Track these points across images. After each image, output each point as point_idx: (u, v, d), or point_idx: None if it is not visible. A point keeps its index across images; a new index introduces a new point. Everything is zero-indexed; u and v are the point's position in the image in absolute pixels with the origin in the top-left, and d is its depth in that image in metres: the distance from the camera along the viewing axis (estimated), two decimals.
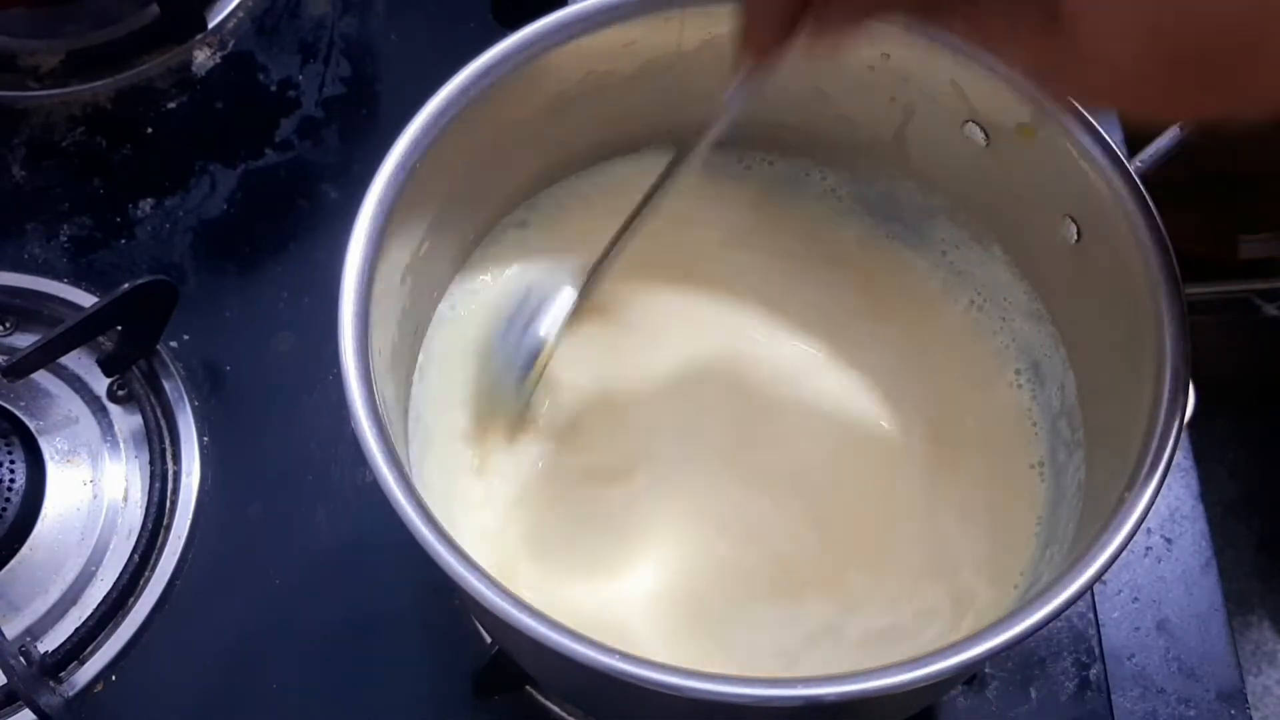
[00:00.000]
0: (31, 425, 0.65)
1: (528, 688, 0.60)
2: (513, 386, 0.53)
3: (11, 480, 0.63)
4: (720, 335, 0.58)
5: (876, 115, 0.55)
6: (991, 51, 0.38)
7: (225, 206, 0.74)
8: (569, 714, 0.60)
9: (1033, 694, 0.60)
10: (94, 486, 0.65)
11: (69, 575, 0.63)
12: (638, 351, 0.57)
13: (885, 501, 0.55)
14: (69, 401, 0.67)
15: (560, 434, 0.55)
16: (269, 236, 0.73)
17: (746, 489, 0.55)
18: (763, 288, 0.59)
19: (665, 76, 0.54)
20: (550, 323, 0.53)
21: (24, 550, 0.62)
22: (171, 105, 0.77)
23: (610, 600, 0.52)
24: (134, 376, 0.67)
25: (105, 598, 0.62)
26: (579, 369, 0.56)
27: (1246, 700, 0.60)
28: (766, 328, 0.58)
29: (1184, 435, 0.44)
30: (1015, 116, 0.49)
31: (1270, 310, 1.15)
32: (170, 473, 0.66)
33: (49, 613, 0.62)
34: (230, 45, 0.79)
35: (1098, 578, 0.41)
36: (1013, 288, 0.57)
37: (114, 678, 0.61)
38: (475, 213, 0.57)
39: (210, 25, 0.79)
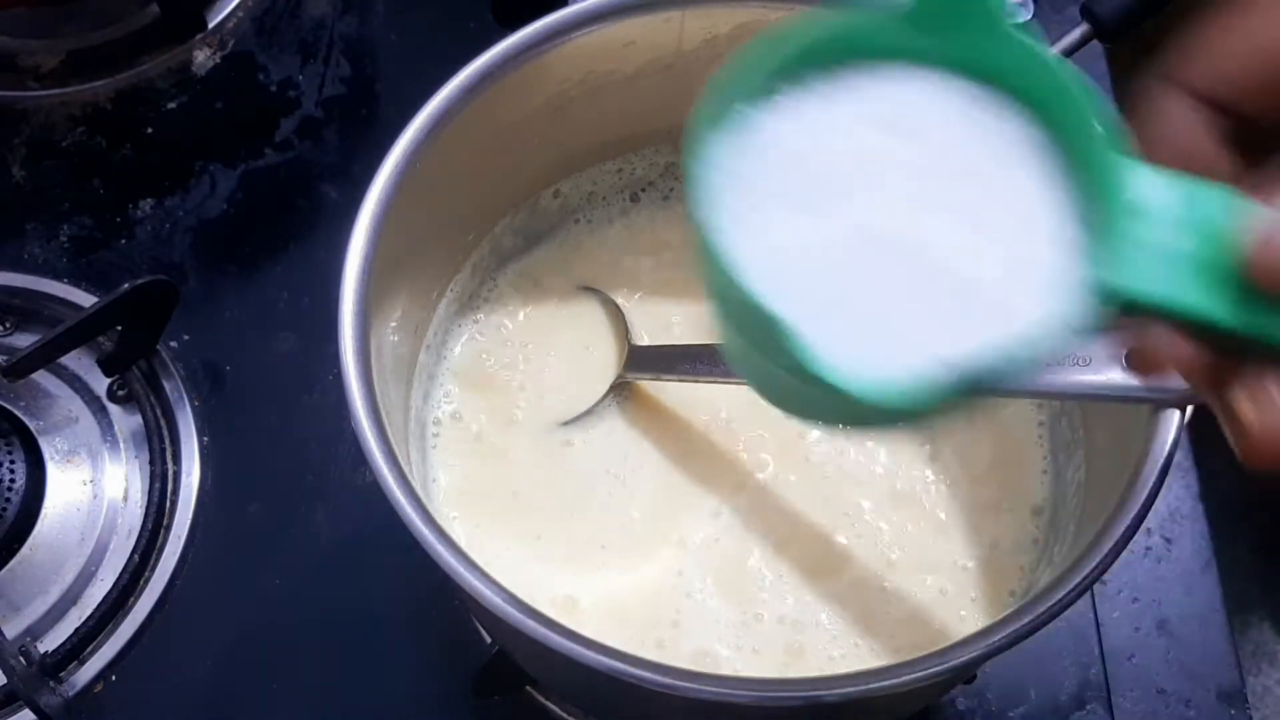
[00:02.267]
0: (31, 425, 0.65)
1: (528, 688, 0.60)
2: None
3: (11, 480, 0.63)
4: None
5: None
6: None
7: (225, 206, 0.74)
8: (569, 714, 0.60)
9: (1032, 694, 0.60)
10: (94, 486, 0.65)
11: (69, 575, 0.63)
12: None
13: (881, 497, 0.55)
14: (69, 401, 0.67)
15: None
16: (269, 236, 0.73)
17: (751, 486, 0.55)
18: None
19: (665, 76, 0.54)
20: None
21: (24, 550, 0.62)
22: (171, 105, 0.77)
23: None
24: (134, 376, 0.67)
25: (105, 598, 0.62)
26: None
27: (1246, 700, 0.60)
28: None
29: (1184, 435, 0.44)
30: None
31: None
32: (170, 473, 0.66)
33: (49, 613, 0.62)
34: (230, 45, 0.79)
35: (1097, 578, 0.41)
36: None
37: (114, 678, 0.61)
38: (475, 213, 0.57)
39: (210, 25, 0.79)
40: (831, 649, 0.51)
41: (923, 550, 0.54)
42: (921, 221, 0.29)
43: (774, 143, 0.30)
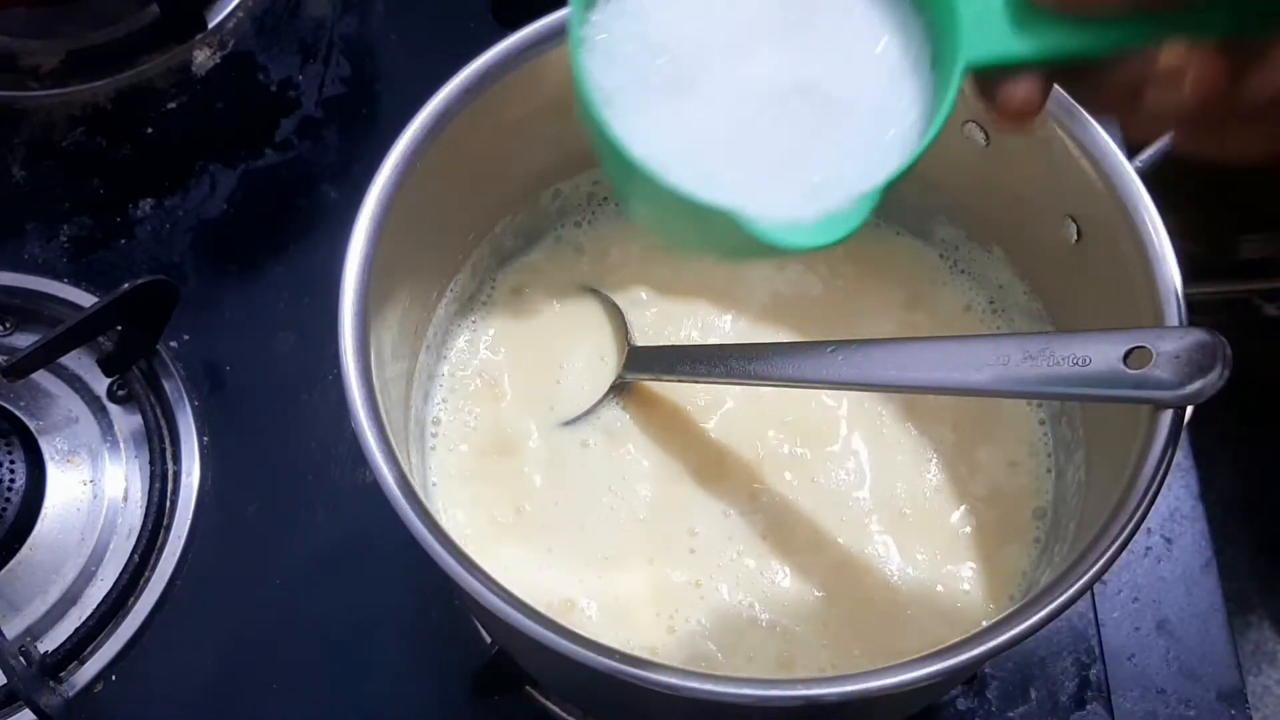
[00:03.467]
0: (31, 425, 0.65)
1: (528, 688, 0.60)
2: None
3: (11, 480, 0.63)
4: (721, 331, 0.59)
5: None
6: None
7: (225, 206, 0.74)
8: (569, 714, 0.60)
9: (1033, 694, 0.60)
10: (94, 486, 0.65)
11: (69, 575, 0.63)
12: None
13: (881, 499, 0.55)
14: (69, 401, 0.67)
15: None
16: (269, 236, 0.73)
17: (751, 489, 0.55)
18: (759, 287, 0.59)
19: None
20: None
21: (24, 550, 0.62)
22: (171, 105, 0.77)
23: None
24: (134, 376, 0.67)
25: (105, 598, 0.62)
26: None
27: (1246, 700, 0.60)
28: (764, 324, 0.59)
29: (1184, 435, 0.44)
30: None
31: (1270, 310, 1.15)
32: (170, 473, 0.66)
33: (49, 613, 0.62)
34: (230, 45, 0.79)
35: (1097, 578, 0.41)
36: (1013, 288, 0.57)
37: (114, 678, 0.61)
38: (475, 213, 0.57)
39: (210, 25, 0.79)
40: (826, 661, 0.51)
41: (922, 552, 0.54)
42: (786, 63, 0.30)
43: (630, 40, 0.31)
